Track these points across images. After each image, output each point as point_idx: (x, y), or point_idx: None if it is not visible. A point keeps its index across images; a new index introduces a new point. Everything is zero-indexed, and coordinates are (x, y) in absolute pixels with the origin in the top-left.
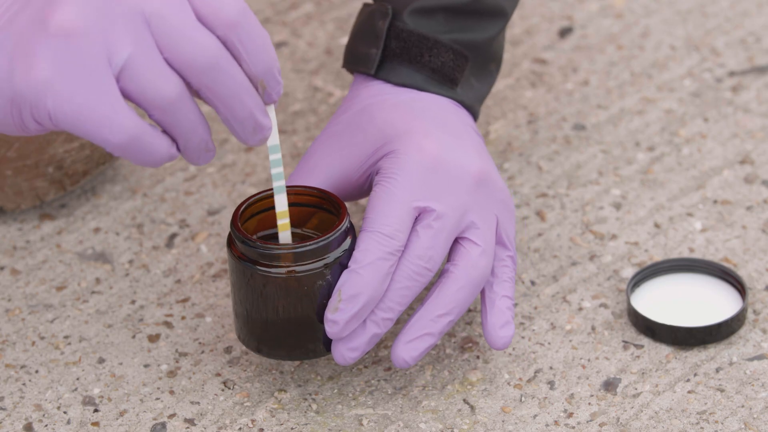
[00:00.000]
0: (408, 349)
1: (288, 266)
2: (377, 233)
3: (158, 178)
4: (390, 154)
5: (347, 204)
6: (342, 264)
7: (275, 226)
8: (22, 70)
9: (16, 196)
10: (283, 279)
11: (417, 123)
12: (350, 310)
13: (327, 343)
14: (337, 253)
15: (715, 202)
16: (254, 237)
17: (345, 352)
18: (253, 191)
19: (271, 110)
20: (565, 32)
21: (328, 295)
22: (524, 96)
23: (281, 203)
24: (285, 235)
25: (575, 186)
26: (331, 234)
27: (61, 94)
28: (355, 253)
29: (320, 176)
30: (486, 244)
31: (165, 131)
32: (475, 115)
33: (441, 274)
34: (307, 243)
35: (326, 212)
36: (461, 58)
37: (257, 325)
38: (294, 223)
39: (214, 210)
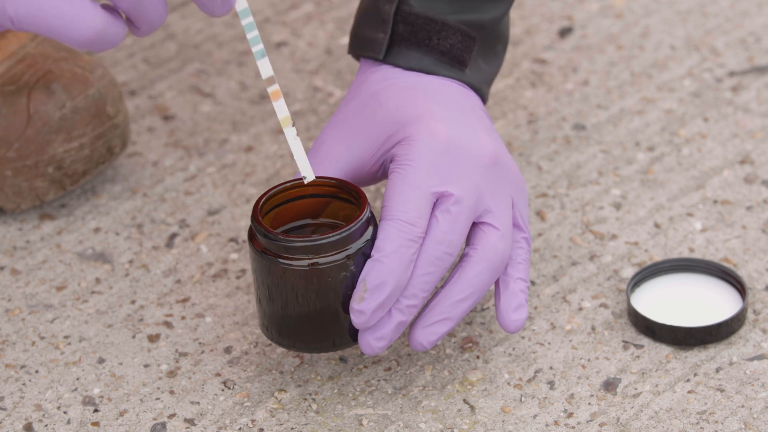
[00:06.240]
0: (426, 333)
1: (310, 258)
2: (398, 221)
3: (158, 178)
4: (403, 140)
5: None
6: (365, 254)
7: (295, 218)
8: None
9: (16, 196)
10: (306, 271)
11: (427, 107)
12: (376, 300)
13: (352, 334)
14: (359, 243)
15: (715, 202)
16: (276, 230)
17: (372, 341)
18: (253, 191)
19: None
20: (565, 32)
21: (352, 286)
22: (524, 96)
23: (266, 69)
24: (279, 104)
25: (575, 186)
26: (352, 224)
27: None
28: (377, 241)
29: (333, 165)
30: (504, 227)
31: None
32: (483, 98)
33: (461, 257)
34: (329, 235)
35: (342, 200)
36: (469, 39)
37: (281, 319)
38: (311, 214)
39: (214, 210)
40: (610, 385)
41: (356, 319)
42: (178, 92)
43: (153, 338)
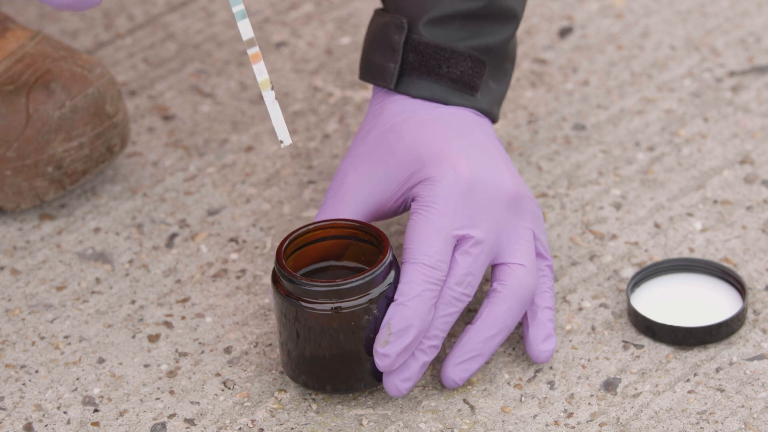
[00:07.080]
0: (458, 370)
1: (333, 302)
2: (420, 264)
3: (158, 178)
4: (425, 180)
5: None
6: (387, 297)
7: (317, 260)
8: None
9: (16, 196)
10: (329, 315)
11: (447, 143)
12: (402, 343)
13: (375, 375)
14: (382, 287)
15: (715, 202)
16: (298, 272)
17: (399, 383)
18: (253, 191)
19: None
20: (565, 32)
21: (375, 329)
22: (524, 96)
23: (247, 30)
24: (259, 66)
25: (575, 186)
26: (375, 269)
27: None
28: (400, 285)
29: (355, 205)
30: (529, 262)
31: None
32: (494, 119)
33: (489, 293)
34: (352, 279)
35: (362, 242)
36: (479, 64)
37: (304, 361)
38: (332, 255)
39: (214, 210)
40: (610, 385)
41: (380, 363)
42: (178, 92)
43: (153, 338)
